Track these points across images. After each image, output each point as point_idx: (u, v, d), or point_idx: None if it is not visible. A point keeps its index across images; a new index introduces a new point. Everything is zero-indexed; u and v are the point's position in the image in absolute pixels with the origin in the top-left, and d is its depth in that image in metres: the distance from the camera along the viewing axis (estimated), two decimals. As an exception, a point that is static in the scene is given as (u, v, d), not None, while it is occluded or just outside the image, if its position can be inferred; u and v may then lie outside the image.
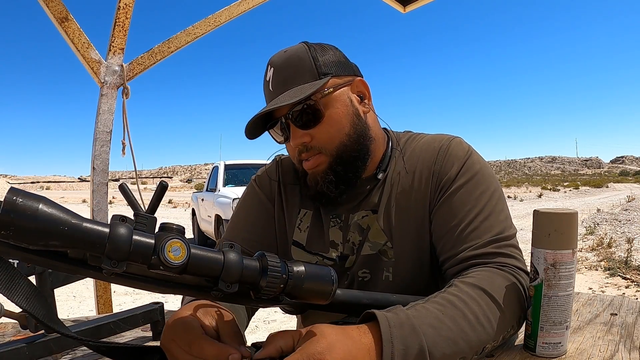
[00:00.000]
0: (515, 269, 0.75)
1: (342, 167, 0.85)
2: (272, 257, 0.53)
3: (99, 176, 2.29)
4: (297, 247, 0.95)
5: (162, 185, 0.52)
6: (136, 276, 0.49)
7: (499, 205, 0.82)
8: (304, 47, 0.85)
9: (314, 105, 0.82)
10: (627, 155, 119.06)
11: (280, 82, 0.83)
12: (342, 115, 0.85)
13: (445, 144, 0.88)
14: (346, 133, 0.85)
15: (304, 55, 0.84)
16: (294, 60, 0.83)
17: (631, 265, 5.57)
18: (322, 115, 0.83)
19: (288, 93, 0.81)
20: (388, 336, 0.56)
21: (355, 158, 0.86)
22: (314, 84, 0.81)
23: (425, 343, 0.57)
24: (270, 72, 0.85)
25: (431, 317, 0.61)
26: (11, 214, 0.40)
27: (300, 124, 0.83)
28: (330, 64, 0.85)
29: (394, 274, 0.88)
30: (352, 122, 0.86)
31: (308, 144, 0.84)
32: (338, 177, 0.85)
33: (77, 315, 4.06)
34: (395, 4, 3.09)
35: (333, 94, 0.84)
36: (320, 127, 0.83)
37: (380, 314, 0.59)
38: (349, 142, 0.85)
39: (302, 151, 0.85)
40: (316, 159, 0.85)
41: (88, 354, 0.79)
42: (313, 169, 0.86)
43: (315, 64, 0.83)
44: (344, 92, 0.86)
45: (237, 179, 7.93)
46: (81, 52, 2.21)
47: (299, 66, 0.83)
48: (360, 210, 0.90)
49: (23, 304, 0.48)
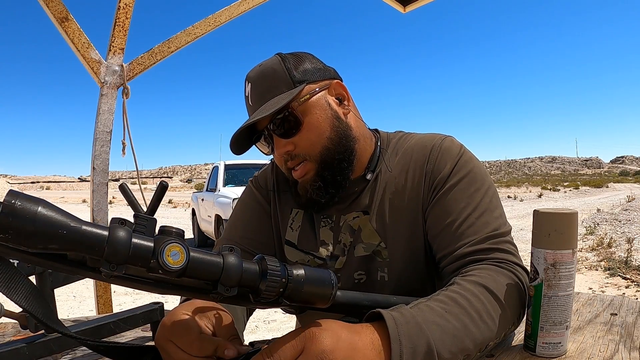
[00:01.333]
0: (513, 265, 0.76)
1: (329, 171, 0.86)
2: (271, 261, 0.53)
3: (99, 176, 2.29)
4: (289, 246, 0.96)
5: (162, 185, 0.52)
6: (135, 278, 0.49)
7: (494, 202, 0.83)
8: (277, 59, 0.87)
9: (292, 114, 0.84)
10: (627, 155, 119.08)
11: (258, 95, 0.85)
12: (321, 119, 0.86)
13: (437, 143, 0.89)
14: (327, 137, 0.86)
15: (277, 67, 0.85)
16: (269, 73, 0.85)
17: (631, 265, 5.58)
18: (301, 123, 0.84)
19: (265, 106, 0.83)
20: (395, 334, 0.56)
21: (340, 160, 0.87)
22: (290, 93, 0.83)
23: (432, 340, 0.58)
24: (248, 87, 0.88)
25: (435, 315, 0.61)
26: (9, 217, 0.40)
27: (281, 133, 0.85)
28: (304, 72, 0.87)
29: (389, 274, 0.88)
30: (333, 125, 0.87)
31: (292, 152, 0.86)
32: (326, 182, 0.87)
33: (77, 315, 4.06)
34: (395, 4, 3.09)
35: (309, 100, 0.85)
36: (301, 134, 0.85)
37: (386, 312, 0.59)
38: (332, 145, 0.86)
39: (287, 160, 0.87)
40: (303, 168, 0.87)
41: (88, 354, 0.79)
42: (301, 177, 0.88)
43: (289, 74, 0.85)
44: (321, 97, 0.87)
45: (237, 179, 7.93)
46: (81, 52, 2.21)
47: (274, 78, 0.85)
48: (352, 211, 0.91)
49: (23, 303, 0.48)
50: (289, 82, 0.84)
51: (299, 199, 0.91)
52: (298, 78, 0.85)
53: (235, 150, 0.89)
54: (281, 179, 1.01)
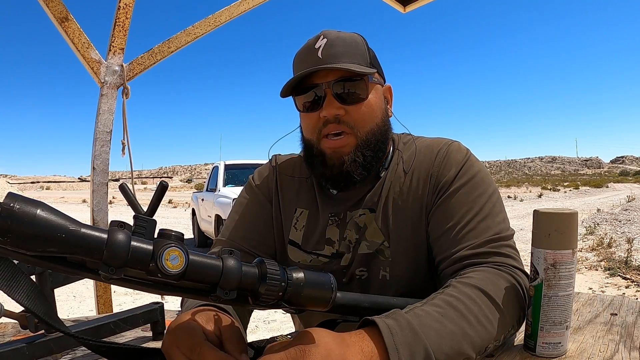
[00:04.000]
0: (512, 268, 0.76)
1: (369, 151, 0.87)
2: (271, 264, 0.53)
3: (99, 176, 2.29)
4: (293, 246, 0.96)
5: (162, 185, 0.52)
6: (135, 279, 0.48)
7: (497, 207, 0.83)
8: (359, 37, 0.90)
9: (362, 85, 0.85)
10: (627, 155, 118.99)
11: (333, 52, 0.84)
12: (378, 107, 0.90)
13: (444, 148, 0.90)
14: (377, 122, 0.89)
15: (359, 42, 0.89)
16: (350, 41, 0.87)
17: (631, 265, 5.57)
18: (365, 97, 0.87)
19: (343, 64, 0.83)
20: (392, 343, 0.55)
21: (379, 148, 0.89)
22: (368, 68, 0.86)
23: (429, 346, 0.57)
24: (322, 41, 0.86)
25: (431, 319, 0.61)
26: (8, 220, 0.39)
27: (342, 95, 0.85)
28: (376, 62, 0.92)
29: (390, 273, 0.88)
30: (383, 117, 0.91)
31: (341, 118, 0.85)
32: (365, 160, 0.87)
33: (77, 315, 4.06)
34: (395, 4, 3.09)
35: (376, 85, 0.90)
36: (358, 106, 0.86)
37: (380, 320, 0.58)
38: (377, 131, 0.89)
39: (331, 122, 0.85)
40: (345, 139, 0.86)
41: (88, 354, 0.79)
42: (339, 148, 0.86)
43: (369, 54, 0.89)
44: (380, 89, 0.93)
45: (237, 179, 7.92)
46: (81, 52, 2.21)
47: (355, 47, 0.87)
48: (359, 208, 0.91)
49: (24, 302, 0.48)
50: (366, 59, 0.87)
51: (324, 170, 0.88)
52: (373, 62, 0.90)
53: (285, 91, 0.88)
54: (283, 176, 1.00)
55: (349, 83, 0.84)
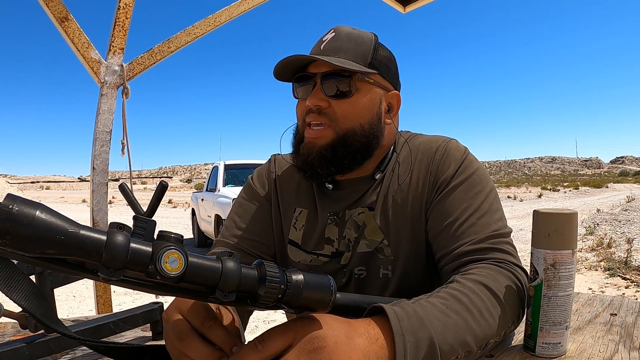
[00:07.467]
0: (512, 265, 0.76)
1: (343, 149, 0.87)
2: (270, 266, 0.53)
3: (99, 176, 2.29)
4: (293, 246, 0.96)
5: (162, 185, 0.52)
6: (134, 280, 0.48)
7: (495, 205, 0.84)
8: (372, 37, 0.90)
9: (349, 82, 0.86)
10: (627, 156, 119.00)
11: (334, 46, 0.87)
12: (366, 107, 0.88)
13: (442, 145, 0.90)
14: (360, 122, 0.87)
15: (367, 41, 0.89)
16: (356, 39, 0.88)
17: (631, 265, 5.58)
18: (350, 94, 0.86)
19: (336, 59, 0.85)
20: (398, 329, 0.56)
21: (357, 149, 0.87)
22: (360, 66, 0.86)
23: (434, 335, 0.58)
24: (330, 35, 0.90)
25: (437, 310, 0.62)
26: (7, 222, 0.39)
27: (328, 87, 0.86)
28: (382, 64, 0.90)
29: (390, 272, 0.88)
30: (371, 120, 0.89)
31: (323, 109, 0.86)
32: (334, 157, 0.86)
33: (77, 315, 4.06)
34: (395, 4, 3.09)
35: (369, 85, 0.88)
36: (341, 102, 0.86)
37: (388, 306, 0.59)
38: (359, 132, 0.87)
39: (312, 112, 0.87)
40: (323, 130, 0.87)
41: (88, 354, 0.79)
42: (314, 138, 0.87)
43: (371, 55, 0.88)
44: (378, 92, 0.90)
45: (237, 179, 7.93)
46: (81, 52, 2.21)
47: (357, 46, 0.87)
48: (358, 207, 0.91)
49: (23, 302, 0.48)
50: (366, 58, 0.87)
51: (297, 159, 0.91)
52: (374, 64, 0.88)
53: (277, 71, 0.89)
54: (283, 176, 1.00)
55: (337, 77, 0.85)
